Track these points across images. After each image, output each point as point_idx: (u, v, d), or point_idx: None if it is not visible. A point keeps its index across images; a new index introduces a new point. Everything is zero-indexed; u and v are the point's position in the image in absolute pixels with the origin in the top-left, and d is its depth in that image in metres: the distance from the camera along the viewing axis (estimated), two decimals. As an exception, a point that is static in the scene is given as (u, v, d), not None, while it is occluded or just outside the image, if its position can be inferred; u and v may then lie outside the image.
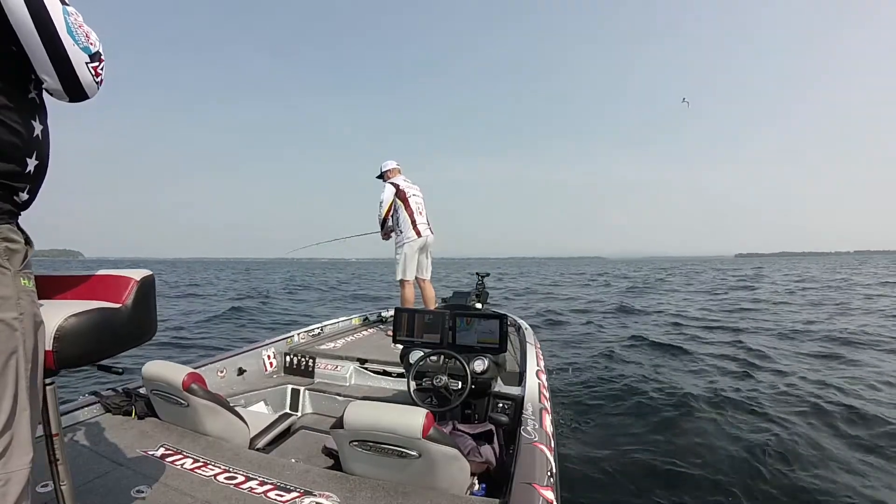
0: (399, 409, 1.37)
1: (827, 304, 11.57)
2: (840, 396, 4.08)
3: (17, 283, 0.76)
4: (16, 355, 0.75)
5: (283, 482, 1.38)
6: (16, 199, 0.80)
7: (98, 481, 1.37)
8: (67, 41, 0.76)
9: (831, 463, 2.92)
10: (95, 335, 0.94)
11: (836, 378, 4.69)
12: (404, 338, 2.30)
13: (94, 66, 0.82)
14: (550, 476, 1.42)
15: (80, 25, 0.79)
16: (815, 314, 9.63)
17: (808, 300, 12.53)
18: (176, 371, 1.69)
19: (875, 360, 5.47)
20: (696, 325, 8.53)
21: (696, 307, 11.47)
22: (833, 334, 7.09)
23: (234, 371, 2.63)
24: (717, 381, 4.75)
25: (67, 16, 0.76)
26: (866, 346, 6.33)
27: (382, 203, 4.10)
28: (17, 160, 0.78)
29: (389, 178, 4.21)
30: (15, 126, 0.77)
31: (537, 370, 2.38)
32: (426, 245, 4.18)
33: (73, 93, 0.82)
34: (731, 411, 3.84)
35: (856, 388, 4.36)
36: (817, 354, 5.88)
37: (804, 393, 4.20)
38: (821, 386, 4.42)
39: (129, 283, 1.04)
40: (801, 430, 3.35)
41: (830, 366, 5.33)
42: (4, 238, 0.76)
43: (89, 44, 0.80)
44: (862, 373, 4.94)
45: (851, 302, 11.80)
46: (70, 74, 0.79)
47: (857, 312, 9.82)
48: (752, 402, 3.98)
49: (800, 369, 5.09)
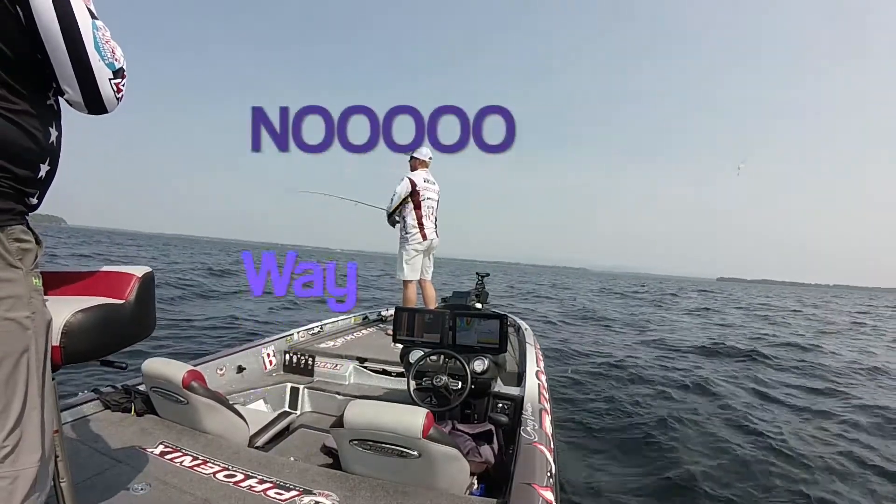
0: (399, 408, 1.37)
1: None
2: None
3: (29, 283, 0.77)
4: (27, 354, 0.75)
5: (283, 480, 1.38)
6: (27, 202, 0.81)
7: (97, 478, 1.36)
8: (94, 56, 0.76)
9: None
10: (101, 331, 0.95)
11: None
12: (404, 337, 2.30)
13: (117, 82, 0.82)
14: (550, 476, 1.42)
15: (107, 41, 0.79)
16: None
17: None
18: (176, 368, 1.69)
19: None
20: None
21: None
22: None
23: (233, 369, 2.62)
24: (720, 387, 4.77)
25: (96, 31, 0.76)
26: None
27: (395, 197, 3.94)
28: (32, 166, 0.79)
29: (414, 169, 4.02)
30: (35, 133, 0.77)
31: (537, 371, 2.38)
32: (430, 248, 4.11)
33: (93, 106, 0.81)
34: (729, 414, 3.86)
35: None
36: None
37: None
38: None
39: (130, 280, 1.05)
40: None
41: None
42: (17, 238, 0.76)
43: (114, 60, 0.80)
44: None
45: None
46: (93, 89, 0.78)
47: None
48: (747, 411, 4.00)
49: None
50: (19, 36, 0.71)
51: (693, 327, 10.87)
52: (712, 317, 13.98)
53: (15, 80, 0.73)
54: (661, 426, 3.54)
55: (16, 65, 0.72)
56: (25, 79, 0.75)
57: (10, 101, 0.73)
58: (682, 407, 4.07)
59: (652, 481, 2.73)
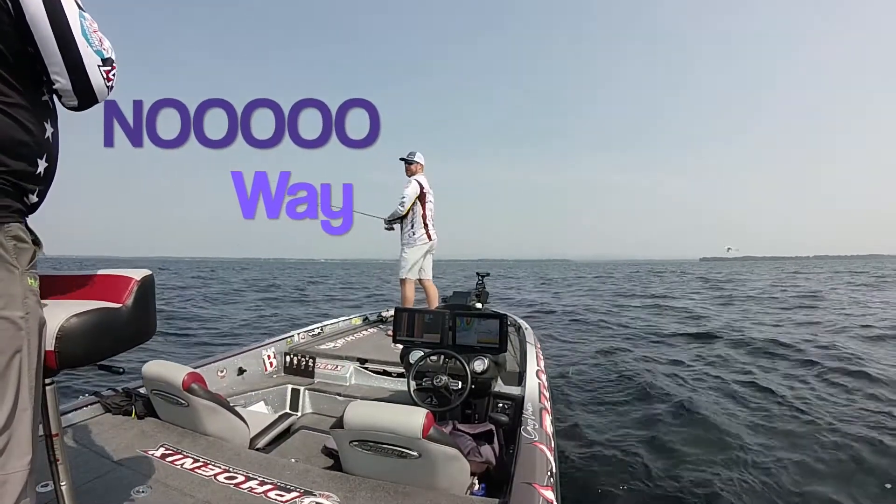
0: (399, 409, 1.37)
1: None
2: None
3: (25, 282, 0.77)
4: (20, 354, 0.75)
5: (283, 482, 1.38)
6: (26, 200, 0.81)
7: (98, 481, 1.36)
8: (81, 42, 0.78)
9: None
10: (96, 335, 0.94)
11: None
12: (404, 338, 2.30)
13: (107, 70, 0.83)
14: (550, 476, 1.42)
15: (94, 31, 0.81)
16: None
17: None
18: (176, 371, 1.69)
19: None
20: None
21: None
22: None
23: (234, 371, 2.63)
24: (719, 383, 4.76)
25: (83, 20, 0.78)
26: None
27: (405, 200, 4.05)
28: (29, 160, 0.79)
29: (415, 174, 4.16)
30: (29, 126, 0.77)
31: (537, 370, 2.38)
32: (432, 248, 4.26)
33: (82, 95, 0.82)
34: (735, 409, 3.85)
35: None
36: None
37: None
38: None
39: (129, 283, 1.04)
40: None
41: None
42: (14, 237, 0.76)
43: (102, 49, 0.82)
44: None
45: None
46: (82, 75, 0.80)
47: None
48: (756, 402, 3.98)
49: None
50: (10, 29, 0.72)
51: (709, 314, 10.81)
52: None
53: (7, 72, 0.74)
54: (664, 425, 3.54)
55: (7, 58, 0.73)
56: (18, 73, 0.76)
57: (4, 94, 0.74)
58: (686, 405, 4.06)
59: (653, 481, 2.72)
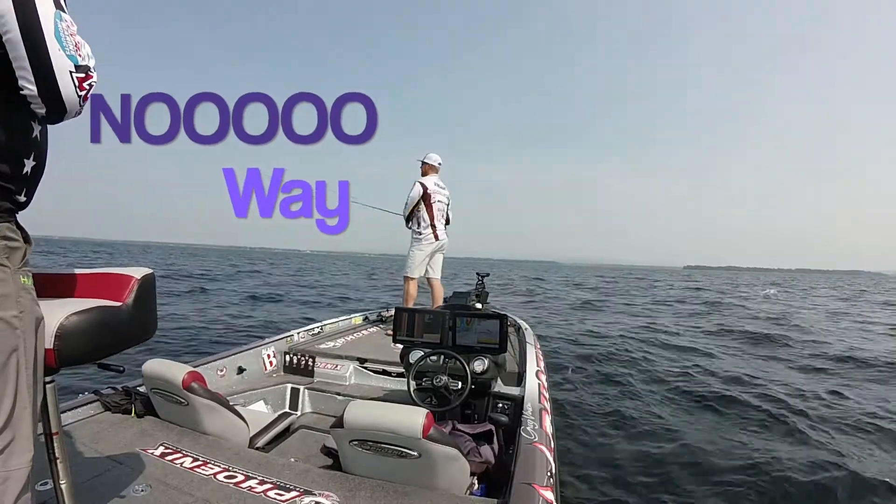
0: (399, 408, 1.37)
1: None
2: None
3: (17, 281, 0.76)
4: (16, 353, 0.75)
5: (283, 481, 1.38)
6: (15, 199, 0.80)
7: (97, 479, 1.36)
8: (53, 44, 0.71)
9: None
10: (96, 334, 0.94)
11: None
12: (404, 337, 2.30)
13: (80, 77, 0.75)
14: (550, 476, 1.42)
15: (71, 34, 0.74)
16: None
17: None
18: (176, 370, 1.69)
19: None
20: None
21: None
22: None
23: (233, 370, 2.63)
24: (717, 383, 4.75)
25: (59, 20, 0.72)
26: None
27: (408, 201, 4.26)
28: (15, 160, 0.77)
29: (424, 175, 4.32)
30: (14, 125, 0.76)
31: (537, 370, 2.38)
32: (441, 248, 4.36)
33: (50, 103, 0.75)
34: (738, 412, 3.85)
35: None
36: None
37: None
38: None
39: (129, 282, 1.04)
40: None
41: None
42: (3, 237, 0.76)
43: (77, 54, 0.75)
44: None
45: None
46: (49, 81, 0.72)
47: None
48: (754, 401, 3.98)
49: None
50: None
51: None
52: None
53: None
54: (664, 423, 3.54)
55: None
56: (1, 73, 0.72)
57: None
58: (688, 404, 4.07)
59: (654, 479, 2.72)
